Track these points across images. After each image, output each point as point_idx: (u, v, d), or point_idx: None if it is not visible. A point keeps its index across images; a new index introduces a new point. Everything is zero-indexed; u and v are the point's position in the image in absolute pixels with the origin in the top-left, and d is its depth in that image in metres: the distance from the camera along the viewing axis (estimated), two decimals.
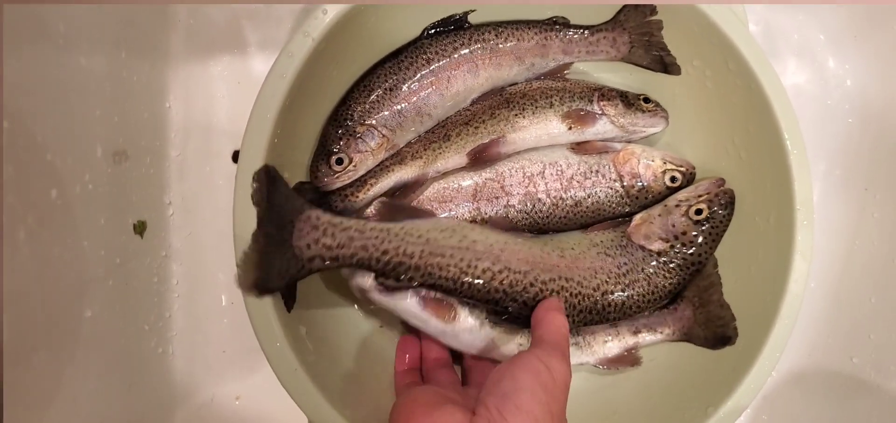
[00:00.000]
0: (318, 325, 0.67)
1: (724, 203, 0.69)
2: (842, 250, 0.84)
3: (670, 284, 0.69)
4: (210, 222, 0.77)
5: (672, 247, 0.69)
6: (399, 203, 0.70)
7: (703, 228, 0.69)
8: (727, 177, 0.72)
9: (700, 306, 0.70)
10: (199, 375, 0.76)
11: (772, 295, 0.65)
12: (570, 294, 0.65)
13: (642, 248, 0.69)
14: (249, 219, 0.54)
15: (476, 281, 0.61)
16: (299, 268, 0.55)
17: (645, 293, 0.68)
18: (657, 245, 0.69)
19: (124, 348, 0.66)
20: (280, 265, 0.53)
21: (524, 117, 0.72)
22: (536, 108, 0.72)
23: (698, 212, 0.68)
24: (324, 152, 0.68)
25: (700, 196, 0.69)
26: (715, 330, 0.69)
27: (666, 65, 0.73)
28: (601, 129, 0.73)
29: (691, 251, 0.69)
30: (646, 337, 0.71)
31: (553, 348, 0.52)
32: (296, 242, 0.55)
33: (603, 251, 0.69)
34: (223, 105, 0.80)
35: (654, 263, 0.69)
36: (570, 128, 0.72)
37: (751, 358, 0.64)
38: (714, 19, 0.66)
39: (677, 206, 0.69)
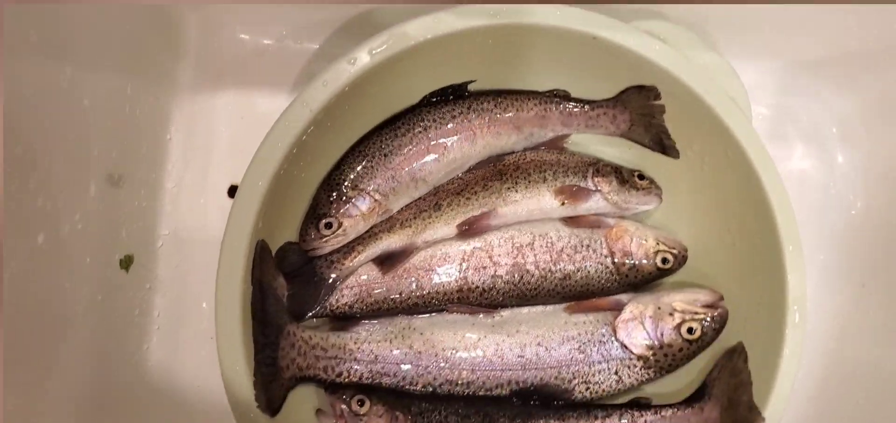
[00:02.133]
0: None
1: (716, 327, 0.69)
2: (832, 344, 0.83)
3: (636, 383, 0.69)
4: (199, 254, 0.77)
5: (653, 354, 0.68)
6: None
7: (691, 345, 0.68)
8: (720, 264, 0.72)
9: (729, 407, 0.66)
10: (175, 406, 0.75)
11: (759, 392, 0.64)
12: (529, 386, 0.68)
13: (623, 346, 0.68)
14: (234, 281, 0.60)
15: (418, 393, 0.68)
16: (285, 386, 0.65)
17: (609, 390, 0.69)
18: (639, 349, 0.68)
19: (99, 382, 0.66)
20: (276, 387, 0.64)
21: (517, 191, 0.71)
22: (529, 182, 0.72)
23: (690, 331, 0.68)
24: (314, 216, 0.68)
25: (696, 313, 0.68)
26: None
27: (665, 147, 0.72)
28: (594, 205, 0.73)
29: (670, 361, 0.69)
30: None
31: None
32: (280, 362, 0.65)
33: (578, 346, 0.69)
34: (224, 138, 0.80)
35: (628, 364, 0.69)
36: (562, 203, 0.72)
37: None
38: (715, 109, 0.66)
39: (671, 314, 0.68)
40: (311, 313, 0.69)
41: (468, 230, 0.70)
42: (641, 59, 0.66)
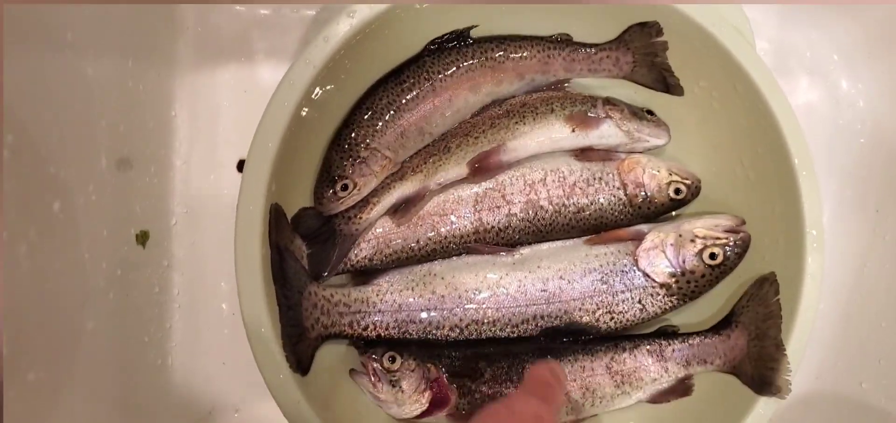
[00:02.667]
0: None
1: (739, 252, 0.68)
2: (852, 272, 0.83)
3: (661, 311, 0.69)
4: (213, 230, 0.77)
5: (676, 281, 0.68)
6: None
7: (714, 271, 0.68)
8: (734, 197, 0.71)
9: (755, 337, 0.65)
10: (199, 387, 0.76)
11: (784, 315, 0.64)
12: (553, 322, 0.68)
13: (645, 275, 0.68)
14: (252, 242, 0.60)
15: (444, 337, 0.68)
16: (313, 345, 0.66)
17: (633, 320, 0.69)
18: (662, 277, 0.68)
19: (124, 360, 0.66)
20: (304, 347, 0.65)
21: (525, 124, 0.71)
22: (537, 114, 0.71)
23: (713, 256, 0.67)
24: (328, 179, 0.68)
25: (718, 239, 0.68)
26: (764, 372, 0.64)
27: (668, 85, 0.72)
28: (606, 131, 0.72)
29: (693, 287, 0.69)
30: (696, 369, 0.68)
31: (524, 392, 0.58)
32: (305, 322, 0.65)
33: (600, 277, 0.69)
34: (229, 114, 0.80)
35: (651, 292, 0.68)
36: (573, 130, 0.71)
37: None
38: (721, 41, 0.65)
39: (692, 241, 0.68)
40: (333, 273, 0.69)
41: (479, 167, 0.70)
42: None
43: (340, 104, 0.70)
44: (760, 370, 0.64)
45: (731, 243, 0.67)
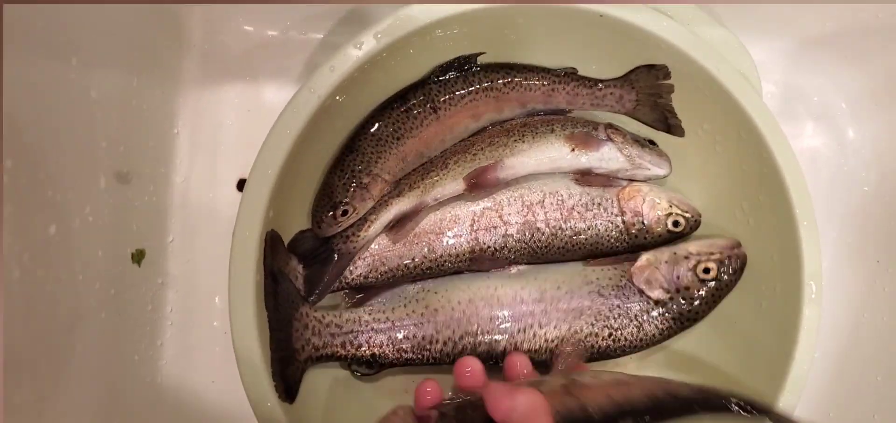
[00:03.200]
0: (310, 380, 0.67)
1: (735, 269, 0.68)
2: (848, 323, 0.82)
3: (659, 334, 0.68)
4: (209, 248, 0.77)
5: (671, 298, 0.68)
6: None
7: (708, 287, 0.68)
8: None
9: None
10: (189, 405, 0.75)
11: (776, 372, 0.63)
12: (546, 340, 0.67)
13: (640, 292, 0.68)
14: (247, 270, 0.60)
15: (439, 352, 0.68)
16: (301, 369, 0.65)
17: (632, 340, 0.68)
18: (657, 293, 0.68)
19: (114, 378, 0.66)
20: (292, 371, 0.64)
21: (524, 142, 0.71)
22: (537, 133, 0.71)
23: (706, 271, 0.67)
24: (329, 204, 0.68)
25: (711, 255, 0.68)
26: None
27: (670, 126, 0.72)
28: (606, 154, 0.71)
29: (689, 308, 0.68)
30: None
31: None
32: (295, 344, 0.64)
33: (597, 289, 0.68)
34: (232, 132, 0.80)
35: (647, 311, 0.68)
36: (572, 149, 0.71)
37: None
38: (727, 86, 0.65)
39: (686, 257, 0.68)
40: (330, 289, 0.69)
41: (476, 183, 0.70)
42: (650, 36, 0.65)
43: (343, 128, 0.70)
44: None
45: (726, 259, 0.67)
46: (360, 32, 0.62)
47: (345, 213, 0.67)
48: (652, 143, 0.73)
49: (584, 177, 0.72)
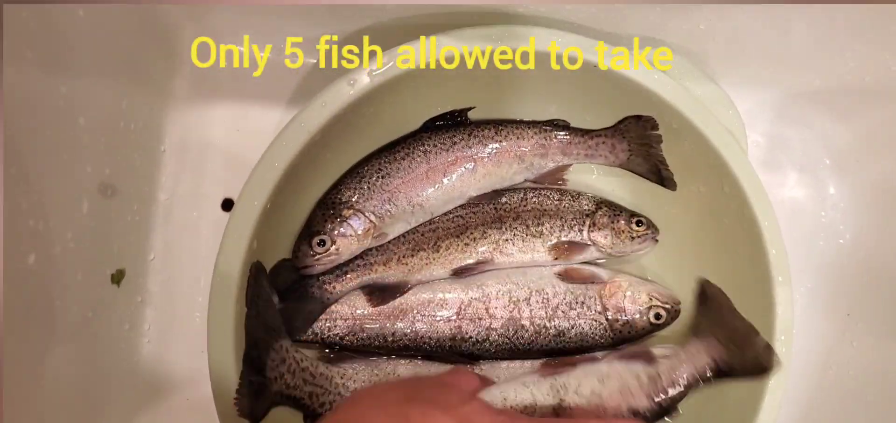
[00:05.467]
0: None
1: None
2: (817, 371, 0.83)
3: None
4: (190, 267, 0.76)
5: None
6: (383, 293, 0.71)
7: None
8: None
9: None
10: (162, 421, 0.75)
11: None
12: None
13: None
14: (227, 300, 0.60)
15: None
16: (270, 400, 0.64)
17: None
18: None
19: (88, 399, 0.65)
20: (262, 398, 0.62)
21: (513, 244, 0.72)
22: (527, 235, 0.72)
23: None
24: (308, 233, 0.68)
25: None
26: (744, 351, 0.63)
27: (663, 178, 0.73)
28: (588, 256, 0.74)
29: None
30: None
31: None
32: (269, 374, 0.63)
33: None
34: (219, 151, 0.79)
35: None
36: (556, 259, 0.73)
37: None
38: (713, 143, 0.67)
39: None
40: (299, 335, 0.69)
41: (462, 275, 0.71)
42: (639, 87, 0.67)
43: (333, 160, 0.70)
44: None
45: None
46: (354, 70, 0.63)
47: (322, 244, 0.67)
48: (638, 223, 0.74)
49: (568, 273, 0.73)
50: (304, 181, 0.67)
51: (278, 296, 0.68)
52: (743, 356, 0.63)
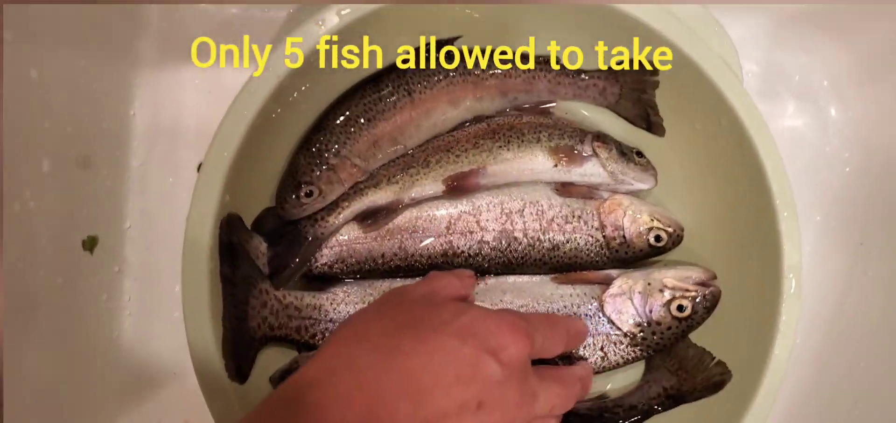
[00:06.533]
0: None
1: (708, 306, 0.66)
2: (830, 308, 0.80)
3: (622, 361, 0.67)
4: (170, 234, 0.73)
5: (641, 331, 0.66)
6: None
7: (680, 324, 0.66)
8: (715, 237, 0.69)
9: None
10: (148, 397, 0.73)
11: (755, 364, 0.62)
12: None
13: (610, 321, 0.66)
14: (201, 256, 0.58)
15: None
16: (255, 348, 0.62)
17: (593, 367, 0.66)
18: (628, 325, 0.66)
19: (66, 371, 0.63)
20: (245, 349, 0.61)
21: (509, 150, 0.68)
22: (523, 141, 0.69)
23: (680, 308, 0.65)
24: (293, 183, 0.65)
25: (687, 291, 0.66)
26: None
27: (651, 124, 0.70)
28: (589, 170, 0.69)
29: (658, 339, 0.67)
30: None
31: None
32: (250, 321, 0.62)
33: (562, 312, 0.66)
34: (192, 114, 0.77)
35: (615, 341, 0.66)
36: (556, 164, 0.69)
37: None
38: (708, 73, 0.63)
39: (661, 290, 0.66)
40: (295, 271, 0.66)
41: (456, 187, 0.68)
42: (624, 16, 0.63)
43: (309, 110, 0.67)
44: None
45: (700, 297, 0.65)
46: (322, 9, 0.59)
47: (309, 194, 0.65)
48: (639, 154, 0.71)
49: (565, 187, 0.70)
50: (281, 129, 0.65)
51: (267, 240, 0.66)
52: (694, 380, 0.66)
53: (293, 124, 0.67)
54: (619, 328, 0.66)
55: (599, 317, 0.66)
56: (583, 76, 0.69)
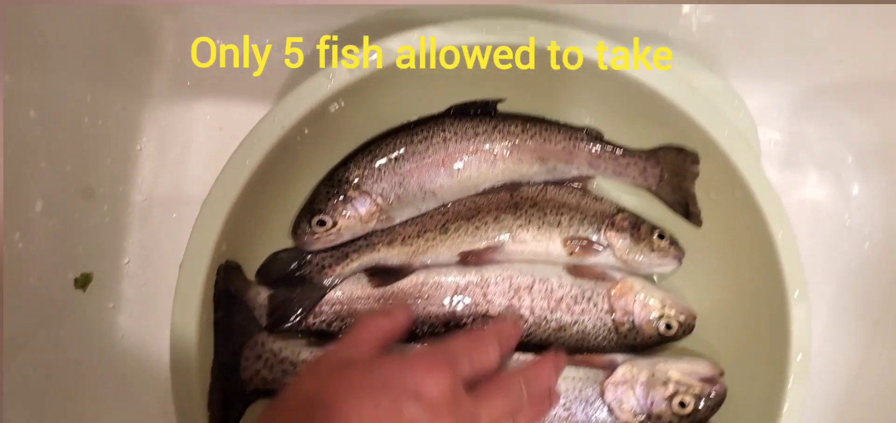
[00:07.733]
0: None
1: (713, 404, 0.63)
2: (842, 387, 0.77)
3: None
4: (170, 271, 0.72)
5: None
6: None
7: (681, 421, 0.64)
8: (725, 311, 0.68)
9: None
10: None
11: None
12: None
13: (610, 410, 0.64)
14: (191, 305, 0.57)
15: None
16: (244, 403, 0.61)
17: None
18: (626, 415, 0.64)
19: (52, 398, 0.62)
20: (235, 401, 0.60)
21: (528, 230, 0.67)
22: (542, 224, 0.67)
23: (682, 405, 0.63)
24: (309, 211, 0.64)
25: (691, 386, 0.63)
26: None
27: (689, 213, 0.69)
28: (602, 260, 0.69)
29: None
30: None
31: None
32: (243, 374, 0.60)
33: (562, 403, 0.64)
34: (201, 150, 0.76)
35: None
36: (570, 253, 0.68)
37: None
38: (721, 145, 0.62)
39: (665, 383, 0.63)
40: (297, 318, 0.65)
41: (470, 261, 0.67)
42: (640, 85, 0.62)
43: (321, 161, 0.67)
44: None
45: (704, 396, 0.63)
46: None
47: (321, 224, 0.64)
48: (660, 235, 0.69)
49: (577, 266, 0.69)
50: (289, 178, 0.64)
51: (272, 286, 0.65)
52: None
53: (300, 174, 0.66)
54: (618, 418, 0.64)
55: (599, 404, 0.64)
56: (623, 153, 0.68)
